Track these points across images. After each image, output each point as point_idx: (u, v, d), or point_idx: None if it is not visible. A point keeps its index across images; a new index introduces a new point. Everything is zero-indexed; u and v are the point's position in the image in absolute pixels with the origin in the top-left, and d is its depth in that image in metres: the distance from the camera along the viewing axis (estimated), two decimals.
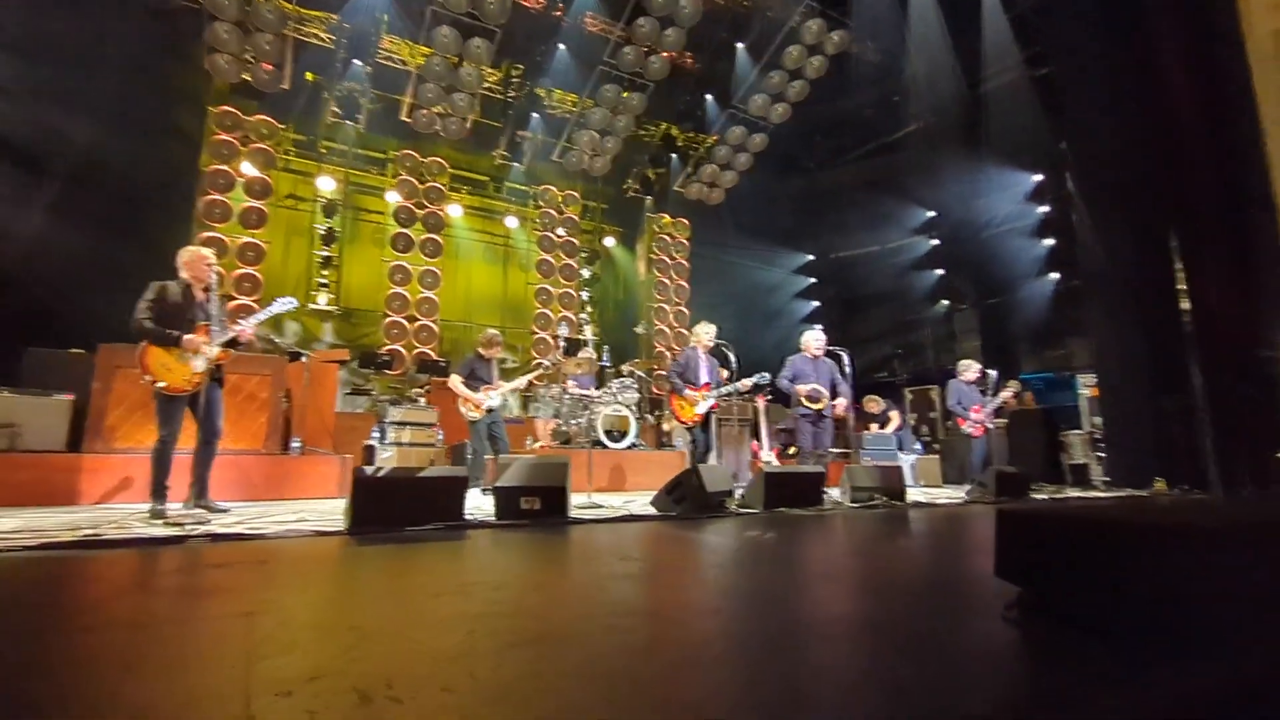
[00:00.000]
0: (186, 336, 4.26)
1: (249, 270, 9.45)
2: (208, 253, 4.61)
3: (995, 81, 11.21)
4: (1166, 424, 7.93)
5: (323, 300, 10.42)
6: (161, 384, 4.19)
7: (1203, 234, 7.99)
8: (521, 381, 7.22)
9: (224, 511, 4.44)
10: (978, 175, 12.41)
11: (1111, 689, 1.19)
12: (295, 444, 6.38)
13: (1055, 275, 12.20)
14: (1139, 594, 1.39)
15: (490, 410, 6.52)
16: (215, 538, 3.25)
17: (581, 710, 1.12)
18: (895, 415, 10.50)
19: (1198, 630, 1.30)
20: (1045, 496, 7.09)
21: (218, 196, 9.31)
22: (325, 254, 10.48)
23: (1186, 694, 1.20)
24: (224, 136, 9.48)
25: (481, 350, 6.80)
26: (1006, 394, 7.85)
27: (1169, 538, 1.35)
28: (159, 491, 4.18)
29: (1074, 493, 7.99)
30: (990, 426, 7.92)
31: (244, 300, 9.24)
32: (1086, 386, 10.07)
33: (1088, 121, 9.28)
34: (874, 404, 10.45)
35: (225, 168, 9.44)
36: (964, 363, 8.08)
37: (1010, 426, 9.63)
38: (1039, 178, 12.22)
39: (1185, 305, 7.97)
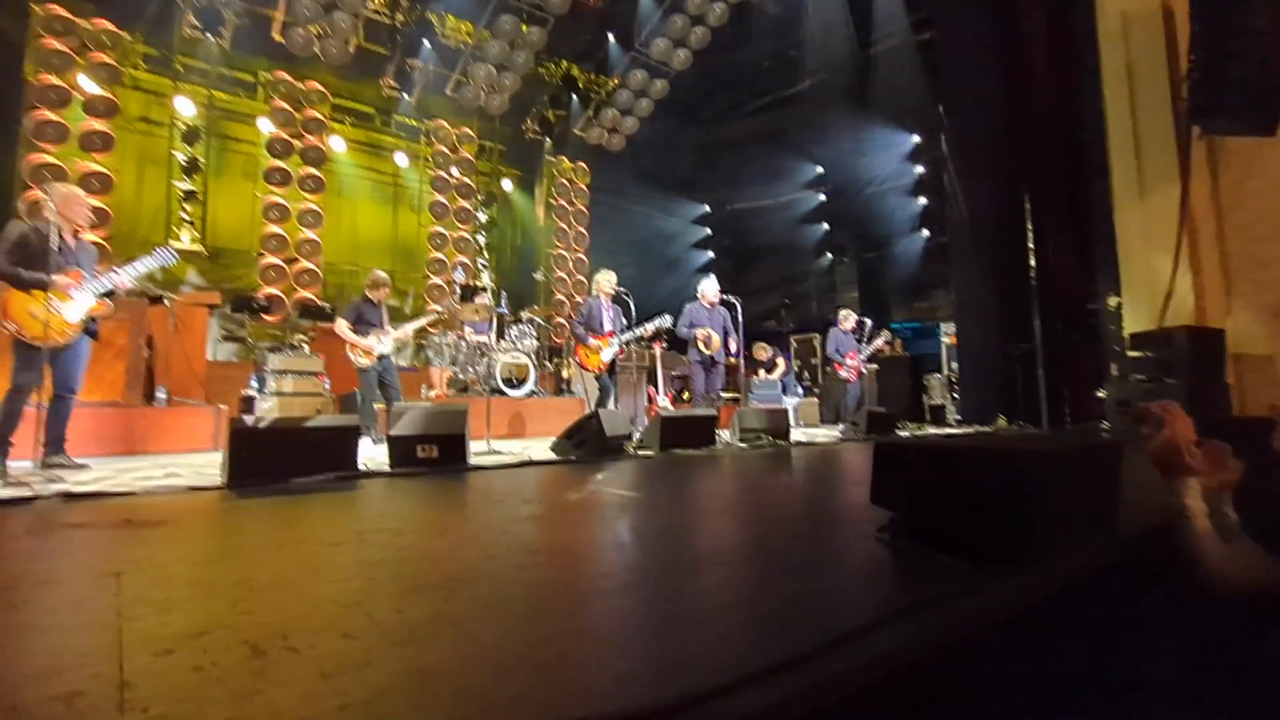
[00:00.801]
0: (57, 279, 3.89)
1: (94, 202, 8.31)
2: (81, 193, 4.25)
3: (884, 44, 11.64)
4: (1011, 368, 8.89)
5: (186, 239, 9.40)
6: (24, 332, 3.81)
7: (1049, 197, 8.86)
8: (413, 327, 6.92)
9: (82, 468, 4.08)
10: (863, 134, 12.97)
11: (968, 595, 1.37)
12: (160, 394, 5.86)
13: (926, 232, 13.12)
14: (988, 510, 1.58)
15: (381, 357, 6.24)
16: (70, 496, 2.98)
17: (492, 645, 1.15)
18: (781, 362, 11.05)
19: (1033, 537, 1.51)
20: (908, 434, 7.79)
21: (50, 115, 8.07)
22: (187, 187, 9.41)
23: (1027, 595, 1.40)
24: (53, 43, 8.17)
25: (369, 293, 6.44)
26: (879, 342, 8.45)
27: (1013, 464, 1.54)
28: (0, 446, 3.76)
29: (931, 429, 8.83)
30: (863, 371, 8.52)
31: (91, 237, 8.19)
32: (947, 335, 11.05)
33: (961, 87, 9.89)
34: (762, 351, 10.94)
35: (57, 81, 8.17)
36: (843, 313, 8.59)
37: (880, 372, 10.44)
38: (917, 139, 12.95)
39: (1032, 261, 8.88)
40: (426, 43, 10.91)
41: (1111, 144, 8.12)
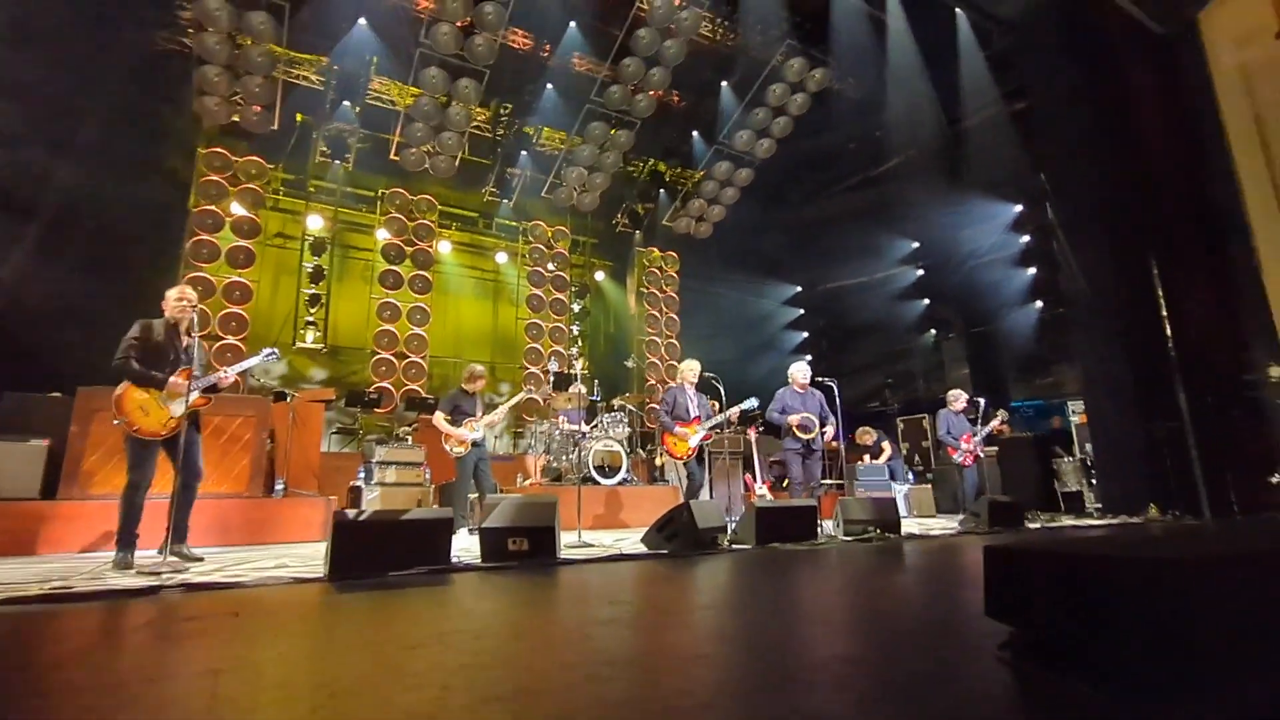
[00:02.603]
0: (171, 379, 4.12)
1: (235, 310, 9.38)
2: (187, 291, 4.43)
3: (975, 116, 11.47)
4: (1157, 450, 7.94)
5: (310, 338, 10.35)
6: (135, 427, 4.02)
7: (1181, 260, 8.13)
8: (502, 410, 7.08)
9: (199, 560, 4.16)
10: (960, 207, 12.61)
11: None
12: (279, 486, 6.26)
13: (1039, 303, 12.35)
14: (1130, 631, 1.35)
15: (475, 445, 6.41)
16: (190, 588, 3.15)
17: None
18: (887, 446, 10.46)
19: (1191, 668, 1.26)
20: (1039, 525, 7.04)
21: (205, 237, 9.30)
22: (313, 292, 10.44)
23: None
24: (213, 177, 9.51)
25: (465, 385, 6.70)
26: (995, 422, 7.86)
27: (1158, 571, 1.31)
28: (126, 539, 3.95)
29: (1068, 520, 7.94)
30: (980, 455, 7.90)
31: (229, 340, 9.16)
32: (1076, 413, 10.10)
33: (1065, 154, 9.50)
34: (866, 436, 10.41)
35: (214, 208, 9.45)
36: (952, 392, 8.09)
37: (1001, 455, 9.62)
38: (1019, 208, 12.44)
39: (1169, 331, 8.06)
40: (524, 152, 11.82)
41: (1248, 201, 7.46)
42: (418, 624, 2.39)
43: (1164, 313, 8.11)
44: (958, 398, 7.99)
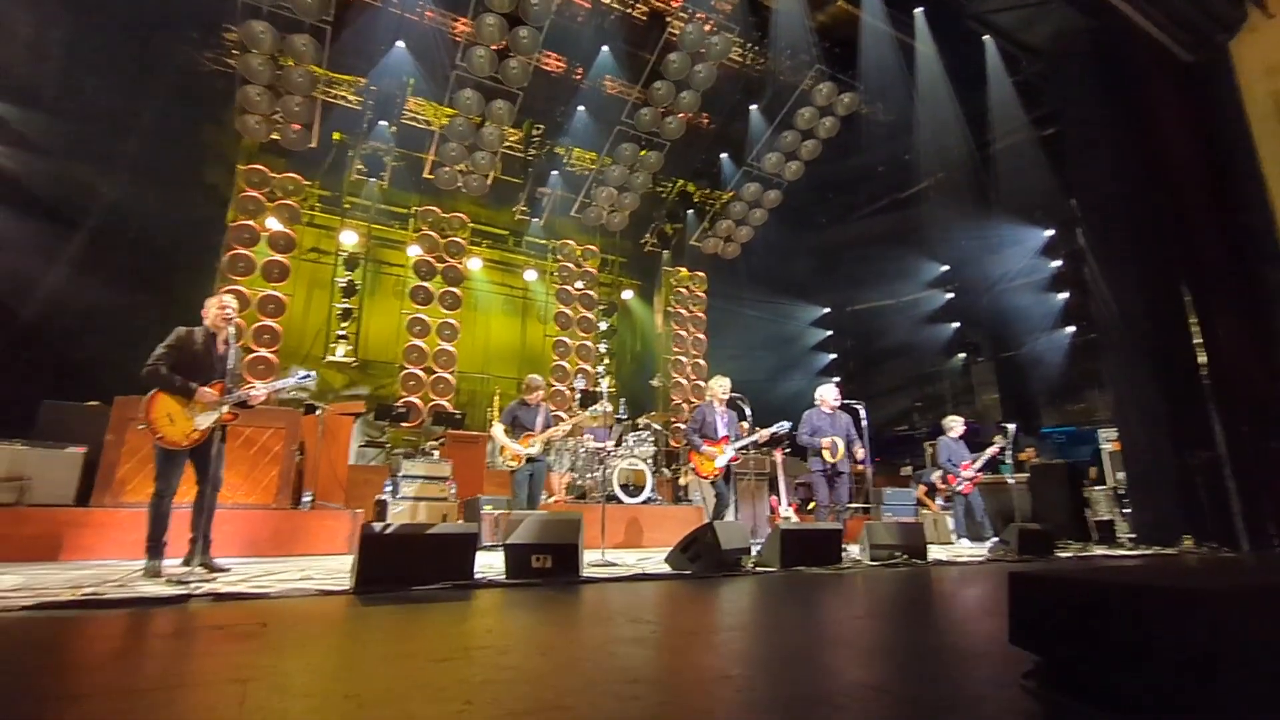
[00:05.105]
0: (201, 389, 4.09)
1: (268, 322, 9.60)
2: (228, 300, 4.40)
3: (1003, 141, 11.38)
4: (1191, 479, 7.69)
5: (341, 352, 10.54)
6: (159, 435, 4.01)
7: (1214, 288, 7.94)
8: (562, 429, 6.98)
9: (224, 571, 4.17)
10: (989, 231, 12.50)
11: None
12: (306, 498, 6.34)
13: (1071, 328, 12.11)
14: (1159, 663, 1.31)
15: (531, 460, 6.36)
16: (218, 597, 3.20)
17: None
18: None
19: (1218, 701, 1.22)
20: (1070, 554, 6.83)
21: (242, 251, 9.56)
22: (345, 306, 10.65)
23: None
24: (251, 193, 9.80)
25: (524, 397, 6.60)
26: (993, 449, 7.68)
27: (1187, 602, 1.27)
28: (155, 548, 3.98)
29: (1100, 550, 7.70)
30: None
31: (262, 352, 9.37)
32: (1108, 441, 9.82)
33: (1095, 179, 9.36)
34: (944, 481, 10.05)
35: (251, 223, 9.72)
36: (949, 419, 7.98)
37: (1032, 481, 9.39)
38: (1050, 233, 12.28)
39: (1202, 359, 7.84)
40: (555, 171, 12.00)
41: None
42: (444, 638, 2.40)
43: (1197, 340, 7.90)
44: (955, 424, 7.85)
